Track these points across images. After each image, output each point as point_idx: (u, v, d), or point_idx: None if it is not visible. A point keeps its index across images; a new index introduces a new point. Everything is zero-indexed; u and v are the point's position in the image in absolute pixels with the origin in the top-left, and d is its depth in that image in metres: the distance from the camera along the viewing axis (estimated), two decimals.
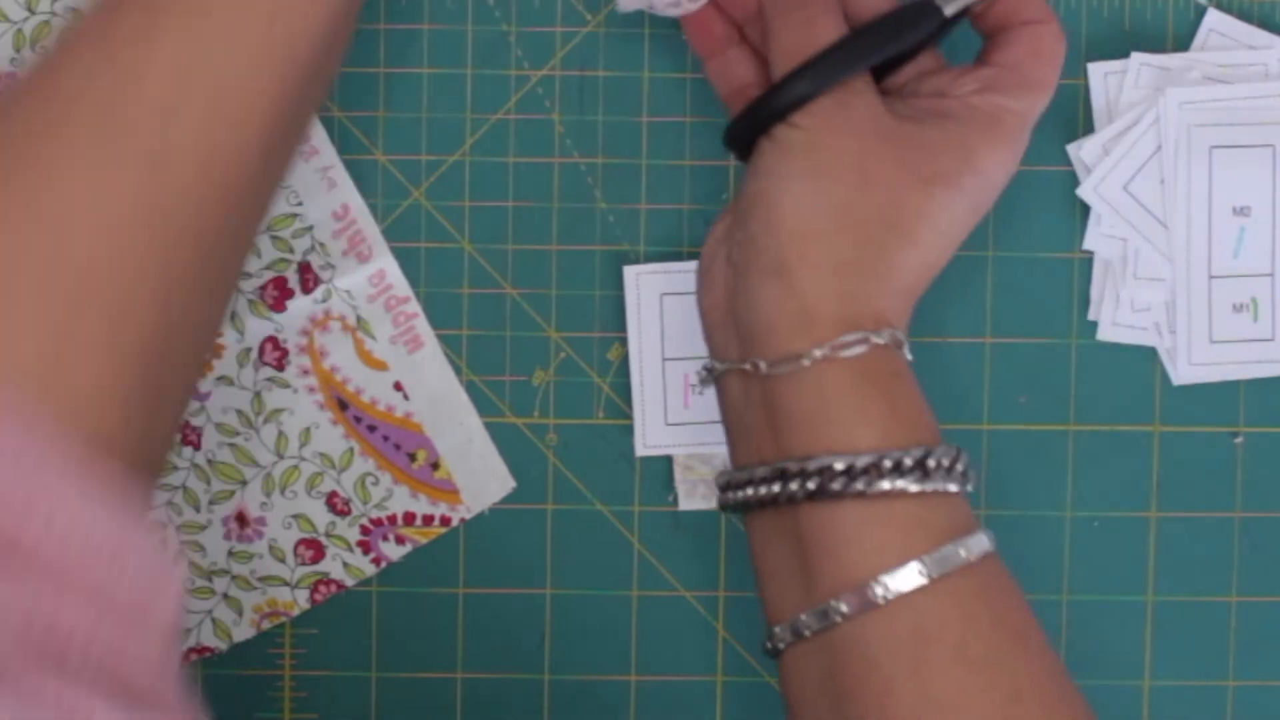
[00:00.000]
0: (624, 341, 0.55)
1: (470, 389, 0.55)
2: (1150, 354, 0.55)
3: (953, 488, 0.43)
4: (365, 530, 0.55)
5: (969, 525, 0.43)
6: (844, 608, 0.42)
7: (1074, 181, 0.54)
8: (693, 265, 0.54)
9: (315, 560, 0.55)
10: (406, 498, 0.55)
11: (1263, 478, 0.55)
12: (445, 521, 0.55)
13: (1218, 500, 0.55)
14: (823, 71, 0.45)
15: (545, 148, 0.55)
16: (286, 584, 0.55)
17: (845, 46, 0.46)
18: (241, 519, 0.55)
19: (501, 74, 0.54)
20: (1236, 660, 0.55)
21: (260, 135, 0.42)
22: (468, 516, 0.55)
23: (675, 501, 0.55)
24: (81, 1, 0.53)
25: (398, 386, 0.55)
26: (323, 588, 0.55)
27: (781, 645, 0.44)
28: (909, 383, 0.45)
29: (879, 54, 0.46)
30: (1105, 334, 0.55)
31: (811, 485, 0.42)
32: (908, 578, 0.42)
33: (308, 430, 0.55)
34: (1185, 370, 0.54)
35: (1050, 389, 0.55)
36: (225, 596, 0.55)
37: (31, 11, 0.54)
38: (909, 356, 0.45)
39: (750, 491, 0.44)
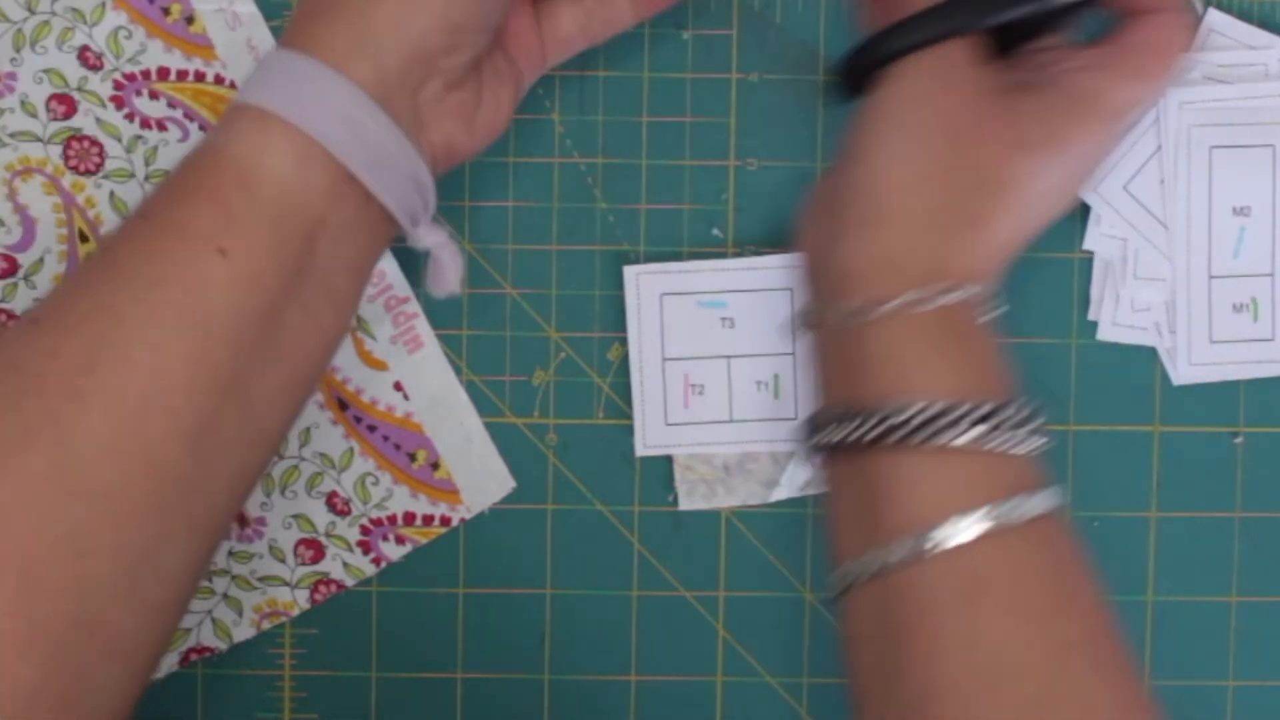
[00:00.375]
0: (624, 341, 0.55)
1: (470, 389, 0.55)
2: (1150, 354, 0.55)
3: (1020, 445, 0.43)
4: (365, 530, 0.55)
5: (1034, 481, 0.43)
6: (901, 553, 0.42)
7: None
8: (693, 265, 0.54)
9: (315, 560, 0.55)
10: (406, 498, 0.55)
11: (1263, 478, 0.55)
12: (445, 521, 0.55)
13: (1218, 500, 0.55)
14: (931, 24, 0.46)
15: (545, 148, 0.55)
16: (286, 584, 0.55)
17: (958, 4, 0.46)
18: (241, 519, 0.55)
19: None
20: (1236, 660, 0.55)
21: (178, 425, 0.42)
22: (468, 516, 0.55)
23: (675, 501, 0.55)
24: (80, 3, 0.54)
25: (398, 386, 0.55)
26: (323, 588, 0.55)
27: (842, 588, 0.45)
28: (988, 338, 0.45)
29: (990, 18, 0.46)
30: (1105, 334, 0.55)
31: (878, 431, 0.43)
32: (965, 528, 0.42)
33: (308, 430, 0.55)
34: (1185, 370, 0.54)
35: (1050, 389, 0.55)
36: (225, 596, 0.55)
37: (31, 11, 0.54)
38: (997, 312, 0.46)
39: (824, 436, 0.45)
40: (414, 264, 0.55)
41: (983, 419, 0.43)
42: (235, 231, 0.43)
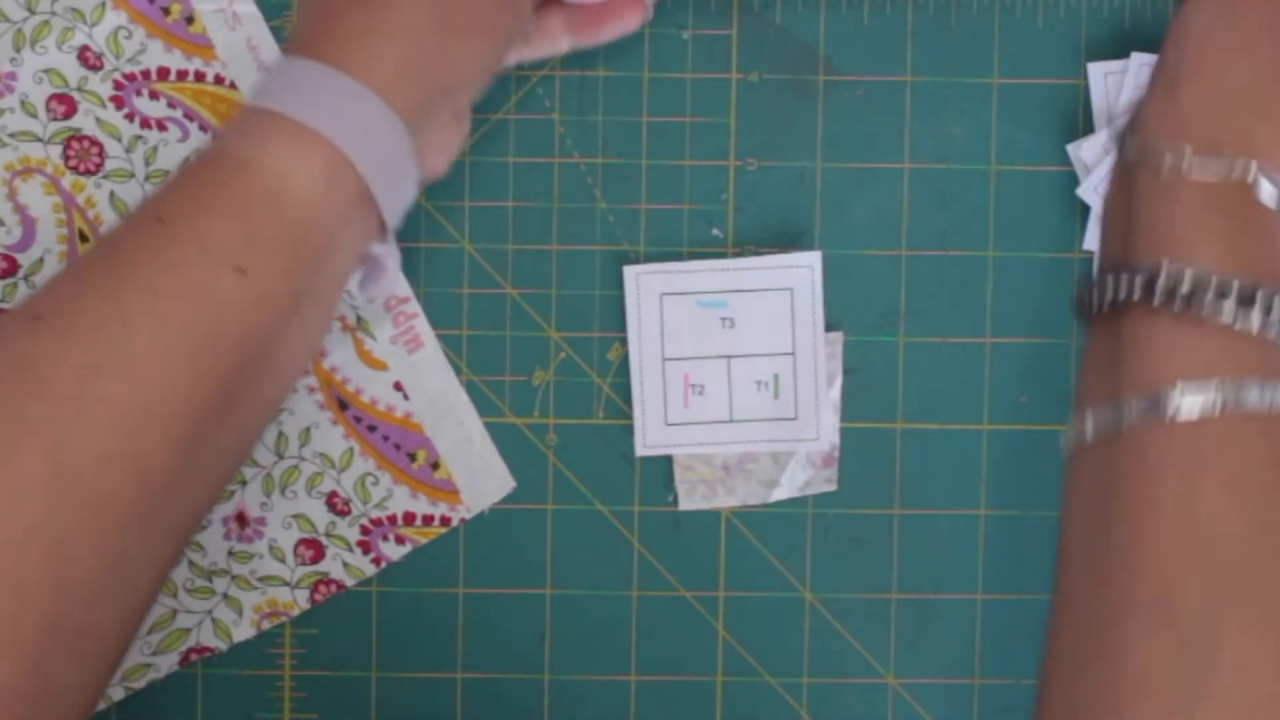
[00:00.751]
0: (624, 341, 0.55)
1: (470, 389, 0.55)
2: None
3: (1273, 333, 0.44)
4: (365, 530, 0.55)
5: (1276, 373, 0.44)
6: (1135, 409, 0.43)
7: (1074, 181, 0.54)
8: (693, 265, 0.54)
9: (315, 560, 0.55)
10: (406, 498, 0.55)
11: None
12: (445, 521, 0.55)
13: None
14: None
15: (545, 148, 0.55)
16: (286, 584, 0.55)
17: None
18: (241, 519, 0.55)
19: (501, 74, 0.54)
20: None
21: (174, 436, 0.42)
22: (468, 516, 0.55)
23: (675, 501, 0.55)
24: (80, 3, 0.54)
25: (398, 386, 0.55)
26: (323, 588, 0.55)
27: (1075, 445, 0.46)
28: (1263, 223, 0.45)
29: None
30: None
31: (1138, 288, 0.44)
32: (1202, 399, 0.43)
33: (308, 430, 0.55)
34: None
35: (1050, 389, 0.55)
36: (225, 596, 0.55)
37: (31, 11, 0.54)
38: (1273, 206, 0.46)
39: (1093, 291, 0.46)
40: (414, 264, 0.55)
41: (1240, 298, 0.43)
42: (256, 251, 0.42)
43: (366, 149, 0.43)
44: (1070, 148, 0.54)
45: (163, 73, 0.54)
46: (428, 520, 0.55)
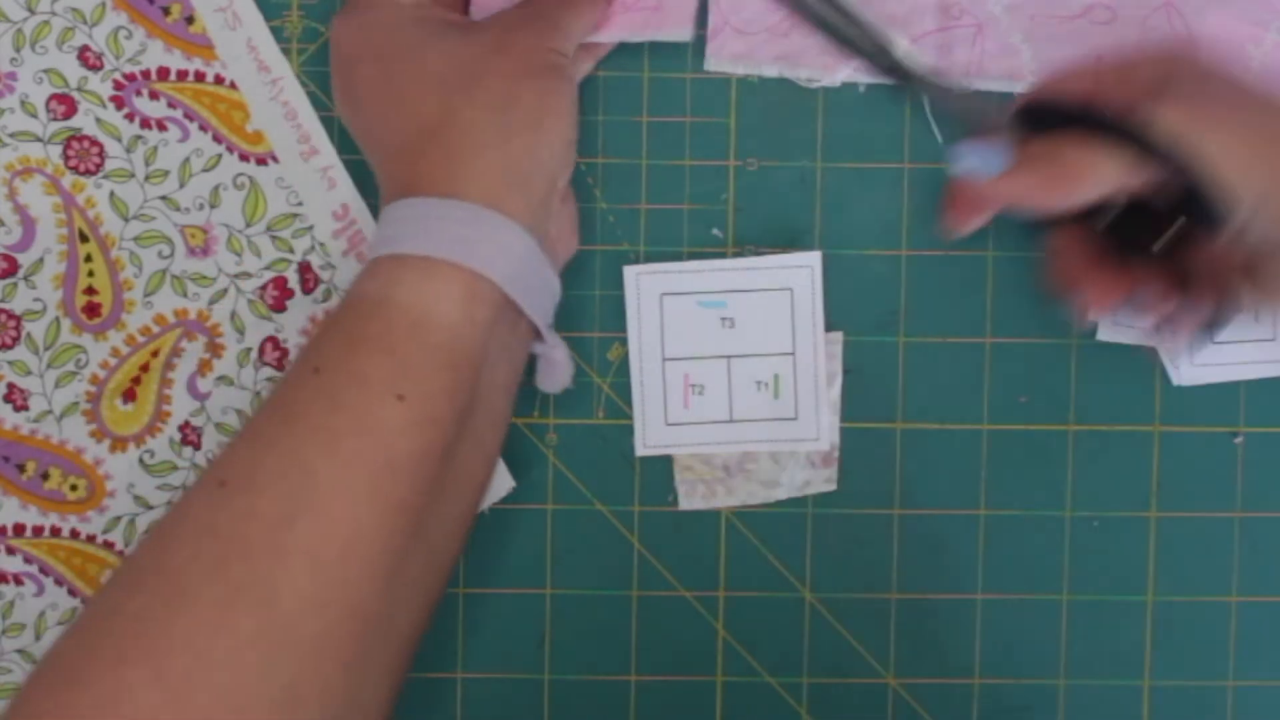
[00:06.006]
0: (624, 341, 0.55)
1: None
2: (1150, 354, 0.55)
3: None
4: None
5: None
6: None
7: None
8: (693, 265, 0.54)
9: None
10: None
11: (1263, 478, 0.55)
12: None
13: (1218, 500, 0.55)
14: None
15: None
16: None
17: None
18: None
19: None
20: (1236, 660, 0.55)
21: (373, 570, 0.43)
22: None
23: (675, 501, 0.55)
24: (80, 3, 0.54)
25: None
26: None
27: None
28: None
29: None
30: (1105, 334, 0.55)
31: None
32: None
33: None
34: (1187, 371, 0.54)
35: (1050, 389, 0.55)
36: None
37: (31, 11, 0.54)
38: None
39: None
40: None
41: None
42: (411, 378, 0.44)
43: (497, 262, 0.45)
44: None
45: (163, 73, 0.54)
46: None
